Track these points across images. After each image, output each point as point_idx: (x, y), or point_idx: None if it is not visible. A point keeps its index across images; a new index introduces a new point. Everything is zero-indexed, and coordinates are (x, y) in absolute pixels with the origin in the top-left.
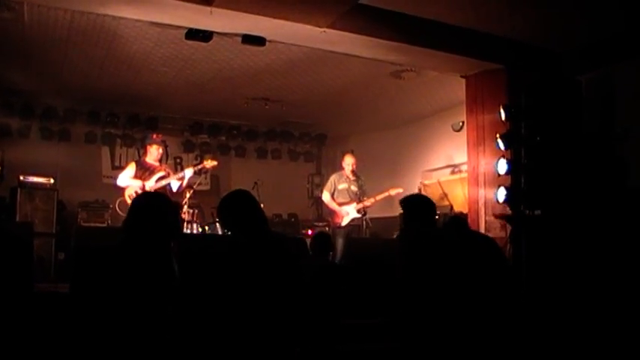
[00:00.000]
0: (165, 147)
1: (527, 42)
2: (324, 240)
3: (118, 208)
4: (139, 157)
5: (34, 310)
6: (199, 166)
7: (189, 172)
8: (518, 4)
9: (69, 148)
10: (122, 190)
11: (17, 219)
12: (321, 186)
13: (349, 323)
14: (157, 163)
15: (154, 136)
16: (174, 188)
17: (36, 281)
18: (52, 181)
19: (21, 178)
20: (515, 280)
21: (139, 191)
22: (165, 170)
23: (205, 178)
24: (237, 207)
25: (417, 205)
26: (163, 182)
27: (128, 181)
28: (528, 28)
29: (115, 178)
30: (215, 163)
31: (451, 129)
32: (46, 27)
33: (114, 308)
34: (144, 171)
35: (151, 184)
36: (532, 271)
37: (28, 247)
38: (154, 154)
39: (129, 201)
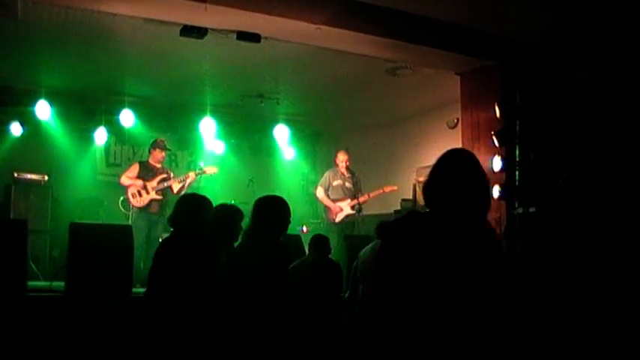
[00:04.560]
0: (167, 150)
1: (522, 39)
2: (323, 241)
3: (120, 206)
4: (134, 154)
5: (27, 309)
6: (200, 172)
7: (192, 176)
8: (513, 2)
9: (63, 144)
10: (125, 188)
11: (11, 216)
12: (316, 183)
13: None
14: (158, 165)
15: (159, 140)
16: (176, 189)
17: (30, 279)
18: (46, 178)
19: (15, 175)
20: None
21: (141, 191)
22: (166, 172)
23: (201, 177)
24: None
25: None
26: (165, 184)
27: (130, 180)
28: (523, 26)
29: (110, 175)
30: (215, 169)
31: (446, 126)
32: (40, 23)
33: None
34: (147, 172)
35: (153, 185)
36: (526, 268)
37: (22, 245)
38: (157, 156)
39: (132, 199)
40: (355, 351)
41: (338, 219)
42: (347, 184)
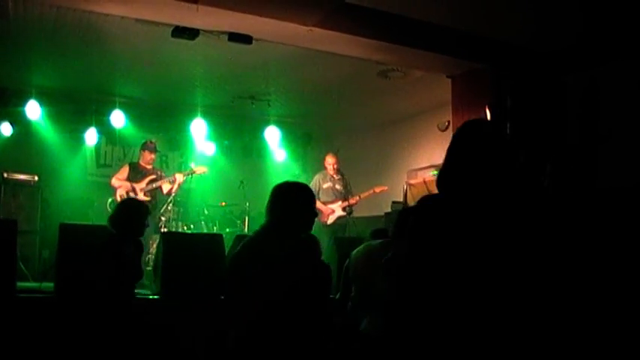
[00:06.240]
0: (157, 152)
1: (513, 42)
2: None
3: (108, 208)
4: (124, 155)
5: (17, 310)
6: (190, 173)
7: (179, 177)
8: (504, 5)
9: (54, 145)
10: (114, 190)
11: (0, 216)
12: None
13: None
14: (149, 166)
15: (149, 142)
16: (165, 190)
17: (19, 279)
18: (36, 178)
19: (5, 175)
20: None
21: (130, 192)
22: (156, 174)
23: (191, 177)
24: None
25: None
26: (154, 185)
27: (120, 182)
28: (514, 29)
29: (101, 176)
30: (205, 169)
31: (437, 129)
32: (31, 23)
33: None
34: (136, 173)
35: (142, 186)
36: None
37: (12, 246)
38: (146, 158)
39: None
40: (346, 353)
41: (330, 221)
42: (337, 186)
